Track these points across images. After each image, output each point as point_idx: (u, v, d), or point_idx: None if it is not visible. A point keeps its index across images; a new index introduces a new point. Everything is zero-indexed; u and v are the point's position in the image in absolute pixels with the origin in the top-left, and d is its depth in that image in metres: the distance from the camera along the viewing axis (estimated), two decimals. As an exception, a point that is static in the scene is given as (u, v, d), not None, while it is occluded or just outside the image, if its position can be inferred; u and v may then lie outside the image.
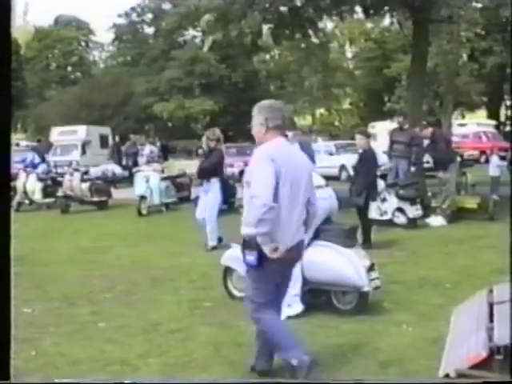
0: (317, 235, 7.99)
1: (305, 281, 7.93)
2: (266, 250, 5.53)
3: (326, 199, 8.13)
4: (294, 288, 7.85)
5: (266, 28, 18.34)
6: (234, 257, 8.71)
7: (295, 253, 5.86)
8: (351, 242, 8.08)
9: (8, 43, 4.24)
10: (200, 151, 12.96)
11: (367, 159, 12.77)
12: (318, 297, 8.10)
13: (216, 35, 19.15)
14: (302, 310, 7.82)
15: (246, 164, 17.39)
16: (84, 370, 6.27)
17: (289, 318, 7.67)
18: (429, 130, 15.88)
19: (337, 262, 7.80)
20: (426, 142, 16.98)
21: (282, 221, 5.61)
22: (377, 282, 7.86)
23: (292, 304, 7.81)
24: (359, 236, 12.12)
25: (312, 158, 10.73)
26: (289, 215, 5.68)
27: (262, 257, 5.57)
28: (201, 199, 13.15)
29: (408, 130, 17.79)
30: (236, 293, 8.79)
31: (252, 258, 5.61)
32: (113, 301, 8.99)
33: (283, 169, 5.61)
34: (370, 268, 7.80)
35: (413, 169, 17.00)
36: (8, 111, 4.21)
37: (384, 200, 14.72)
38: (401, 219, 14.73)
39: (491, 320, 4.68)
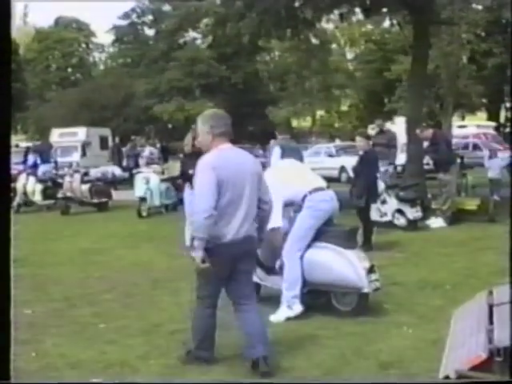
0: (317, 236, 8.01)
1: (305, 282, 7.95)
2: (198, 255, 5.96)
3: (327, 201, 8.15)
4: (294, 289, 7.88)
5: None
6: None
7: (239, 247, 6.13)
8: (351, 244, 8.10)
9: (8, 44, 4.24)
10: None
11: (368, 161, 12.78)
12: (318, 298, 8.12)
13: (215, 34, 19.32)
14: (301, 311, 7.84)
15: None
16: (85, 371, 6.28)
17: (288, 319, 7.71)
18: (429, 132, 15.85)
19: (337, 263, 7.81)
20: (425, 144, 16.98)
21: (226, 219, 6.07)
22: (376, 283, 7.88)
23: (291, 305, 7.84)
24: (359, 237, 12.18)
25: (300, 160, 11.29)
26: (234, 213, 6.09)
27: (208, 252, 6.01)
28: (188, 201, 12.93)
29: (387, 132, 17.88)
30: None
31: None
32: (113, 302, 9.00)
33: (224, 175, 6.05)
34: (370, 269, 7.82)
35: (390, 170, 16.97)
36: (8, 113, 4.21)
37: (384, 202, 14.73)
38: (401, 221, 14.74)
39: (491, 322, 4.69)
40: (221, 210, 5.99)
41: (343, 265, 7.77)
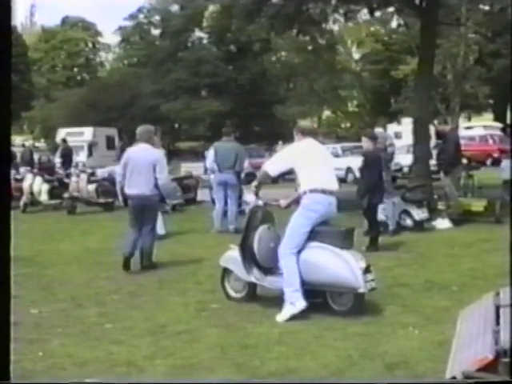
0: (313, 237, 8.00)
1: (302, 282, 7.96)
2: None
3: (322, 205, 8.07)
4: (293, 285, 7.89)
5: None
6: (231, 258, 8.77)
7: (137, 200, 10.98)
8: (347, 244, 8.07)
9: (8, 44, 4.23)
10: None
11: (370, 161, 12.75)
12: (314, 298, 8.11)
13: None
14: (304, 306, 7.83)
15: (253, 166, 17.49)
16: (91, 371, 6.28)
17: (294, 317, 7.71)
18: (448, 127, 15.77)
19: (333, 264, 7.80)
20: (433, 141, 16.87)
21: (130, 181, 10.95)
22: (372, 283, 7.87)
23: (294, 302, 7.84)
24: (361, 238, 12.16)
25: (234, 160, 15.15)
26: (135, 178, 10.90)
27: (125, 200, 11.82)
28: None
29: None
30: (233, 293, 8.90)
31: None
32: (120, 302, 9.01)
33: (130, 159, 11.08)
34: (366, 270, 7.81)
35: None
36: (8, 112, 4.20)
37: (390, 202, 14.68)
38: (407, 222, 14.71)
39: (498, 323, 4.68)
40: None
41: (339, 265, 7.77)
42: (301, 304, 7.85)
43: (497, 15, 37.30)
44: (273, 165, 8.44)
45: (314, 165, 8.24)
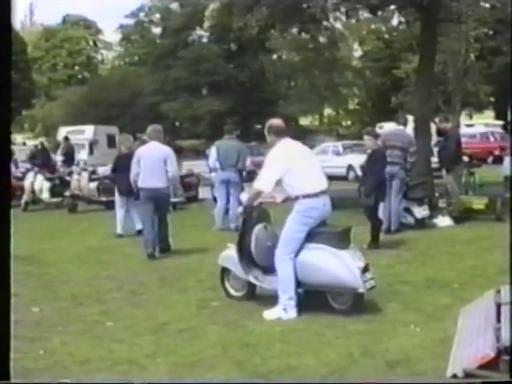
0: (310, 238, 7.98)
1: (300, 283, 7.96)
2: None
3: (318, 209, 8.02)
4: (288, 292, 7.88)
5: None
6: (229, 257, 8.77)
7: (151, 192, 12.03)
8: (345, 244, 8.04)
9: (8, 42, 4.23)
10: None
11: (376, 159, 12.72)
12: (314, 297, 8.10)
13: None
14: (295, 317, 7.83)
15: (254, 164, 17.46)
16: (92, 370, 6.28)
17: (297, 317, 7.72)
18: (449, 125, 15.72)
19: (331, 265, 7.78)
20: (434, 139, 16.79)
21: (144, 176, 12.05)
22: (371, 282, 7.86)
23: (287, 309, 7.87)
24: (366, 236, 12.14)
25: (236, 158, 15.31)
26: (148, 173, 12.02)
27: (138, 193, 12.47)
28: None
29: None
30: (233, 292, 8.91)
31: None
32: (121, 300, 9.01)
33: (142, 156, 12.13)
34: (365, 269, 7.80)
35: None
36: (8, 110, 4.20)
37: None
38: (408, 219, 14.69)
39: (499, 320, 4.68)
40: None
41: (337, 266, 7.74)
42: (292, 314, 7.87)
43: (498, 12, 37.26)
44: (265, 181, 8.08)
45: (302, 167, 8.12)
